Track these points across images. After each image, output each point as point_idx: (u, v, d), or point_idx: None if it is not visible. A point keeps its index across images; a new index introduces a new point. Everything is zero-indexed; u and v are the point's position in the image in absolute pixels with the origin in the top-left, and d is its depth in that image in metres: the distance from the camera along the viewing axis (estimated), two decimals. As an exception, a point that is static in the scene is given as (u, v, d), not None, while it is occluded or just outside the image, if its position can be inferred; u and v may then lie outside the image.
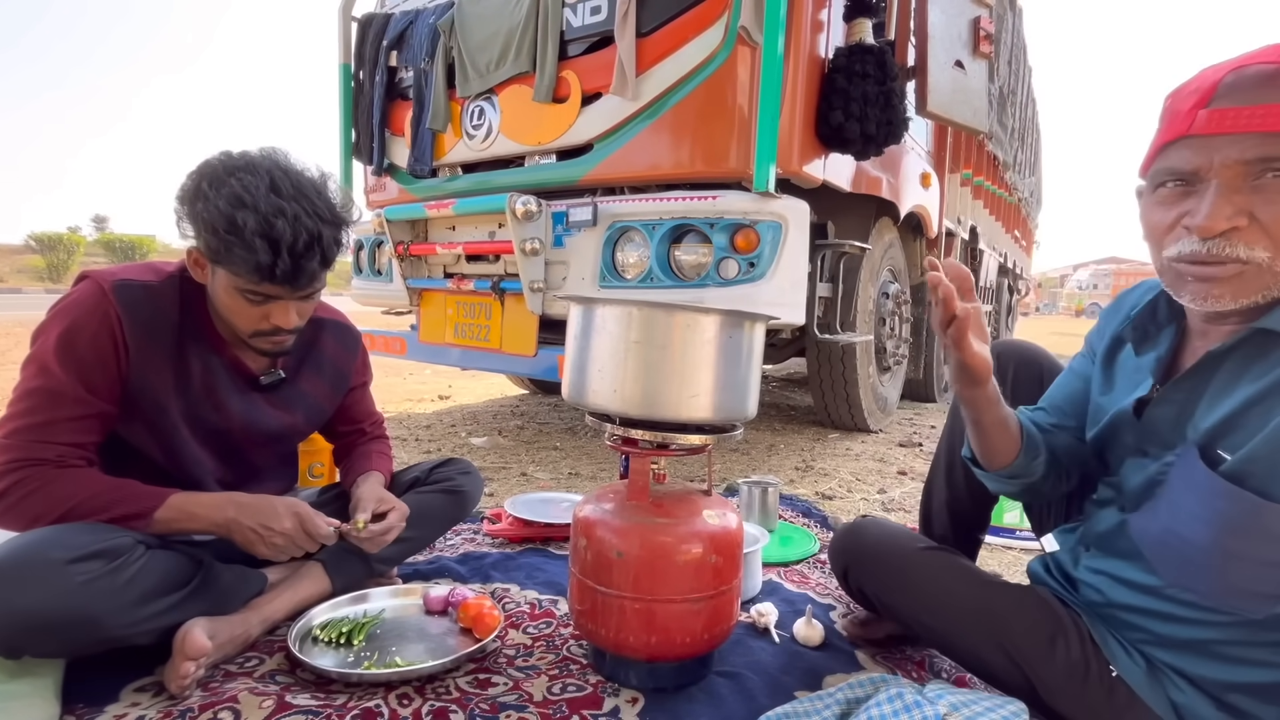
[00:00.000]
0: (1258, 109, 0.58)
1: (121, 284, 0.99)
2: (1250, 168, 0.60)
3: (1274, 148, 0.58)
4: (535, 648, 1.08)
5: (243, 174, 0.93)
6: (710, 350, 0.88)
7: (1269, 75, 0.59)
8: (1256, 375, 0.65)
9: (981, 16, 2.81)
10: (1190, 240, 0.63)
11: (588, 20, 2.28)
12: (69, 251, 23.14)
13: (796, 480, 2.29)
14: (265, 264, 0.92)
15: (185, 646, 0.87)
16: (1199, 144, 0.62)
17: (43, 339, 0.95)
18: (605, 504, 0.98)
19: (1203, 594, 0.70)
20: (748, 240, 2.05)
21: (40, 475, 0.90)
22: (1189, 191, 0.64)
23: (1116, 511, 0.81)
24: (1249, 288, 0.63)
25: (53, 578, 0.79)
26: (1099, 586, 0.83)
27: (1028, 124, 6.77)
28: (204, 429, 1.08)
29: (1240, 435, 0.65)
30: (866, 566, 1.02)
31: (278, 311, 1.00)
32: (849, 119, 2.11)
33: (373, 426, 1.38)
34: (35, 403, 0.92)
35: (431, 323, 2.78)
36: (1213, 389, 0.69)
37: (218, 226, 0.91)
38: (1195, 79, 0.65)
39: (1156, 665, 0.77)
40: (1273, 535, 0.63)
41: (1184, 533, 0.69)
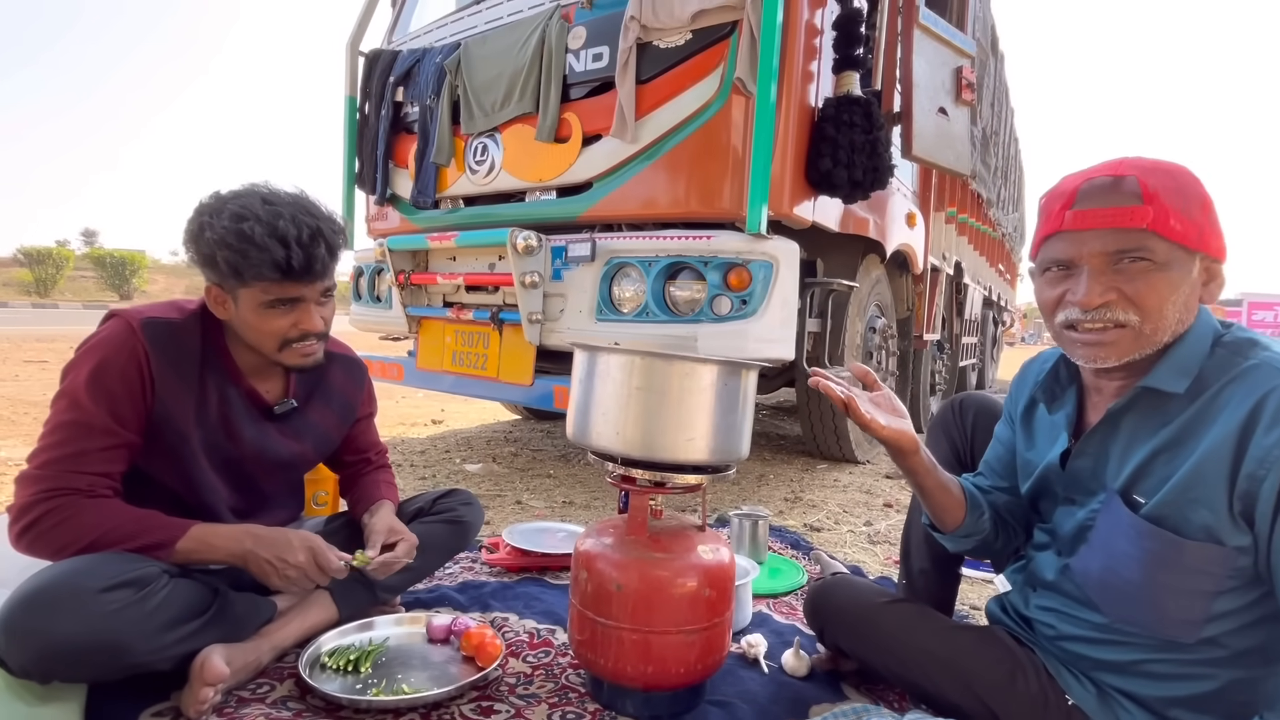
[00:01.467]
0: (1107, 210, 0.74)
1: (149, 321, 1.05)
2: (1111, 256, 0.75)
3: (1125, 241, 0.73)
4: (535, 676, 1.12)
5: (236, 199, 1.04)
6: (707, 397, 0.95)
7: (1111, 184, 0.75)
8: (1155, 429, 0.77)
9: (964, 66, 2.94)
10: (1075, 310, 0.77)
11: (590, 66, 2.38)
12: (58, 266, 23.00)
13: (786, 511, 2.35)
14: (281, 258, 1.00)
15: (204, 673, 0.91)
16: (1070, 238, 0.77)
17: (73, 375, 1.01)
18: (605, 538, 1.04)
19: (1142, 625, 0.78)
20: (740, 279, 2.14)
21: (71, 505, 0.95)
22: (1068, 274, 0.79)
23: (1054, 555, 0.91)
24: (1128, 347, 0.76)
25: (86, 606, 0.83)
26: (1049, 622, 0.90)
27: (1010, 162, 7.00)
28: (219, 457, 1.14)
29: (1151, 482, 0.76)
30: (837, 624, 1.09)
31: (303, 317, 1.08)
32: (837, 165, 2.22)
33: (377, 456, 1.43)
34: (67, 435, 0.97)
35: (430, 350, 2.83)
36: (1120, 442, 0.81)
37: (230, 242, 0.99)
38: (1060, 185, 0.80)
39: (1105, 690, 0.84)
40: (1193, 569, 0.72)
41: (1121, 572, 0.78)
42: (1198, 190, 0.74)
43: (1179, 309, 0.75)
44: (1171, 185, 0.73)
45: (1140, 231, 0.72)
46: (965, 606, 1.54)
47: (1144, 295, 0.73)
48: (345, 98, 3.29)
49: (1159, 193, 0.72)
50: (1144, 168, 0.75)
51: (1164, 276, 0.73)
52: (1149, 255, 0.73)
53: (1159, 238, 0.72)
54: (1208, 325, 0.77)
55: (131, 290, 25.47)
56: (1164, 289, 0.73)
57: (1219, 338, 0.77)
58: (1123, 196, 0.73)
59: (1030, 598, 0.95)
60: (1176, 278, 0.73)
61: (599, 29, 2.36)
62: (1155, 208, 0.72)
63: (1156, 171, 0.74)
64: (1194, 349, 0.76)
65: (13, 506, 0.96)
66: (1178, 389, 0.75)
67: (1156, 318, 0.74)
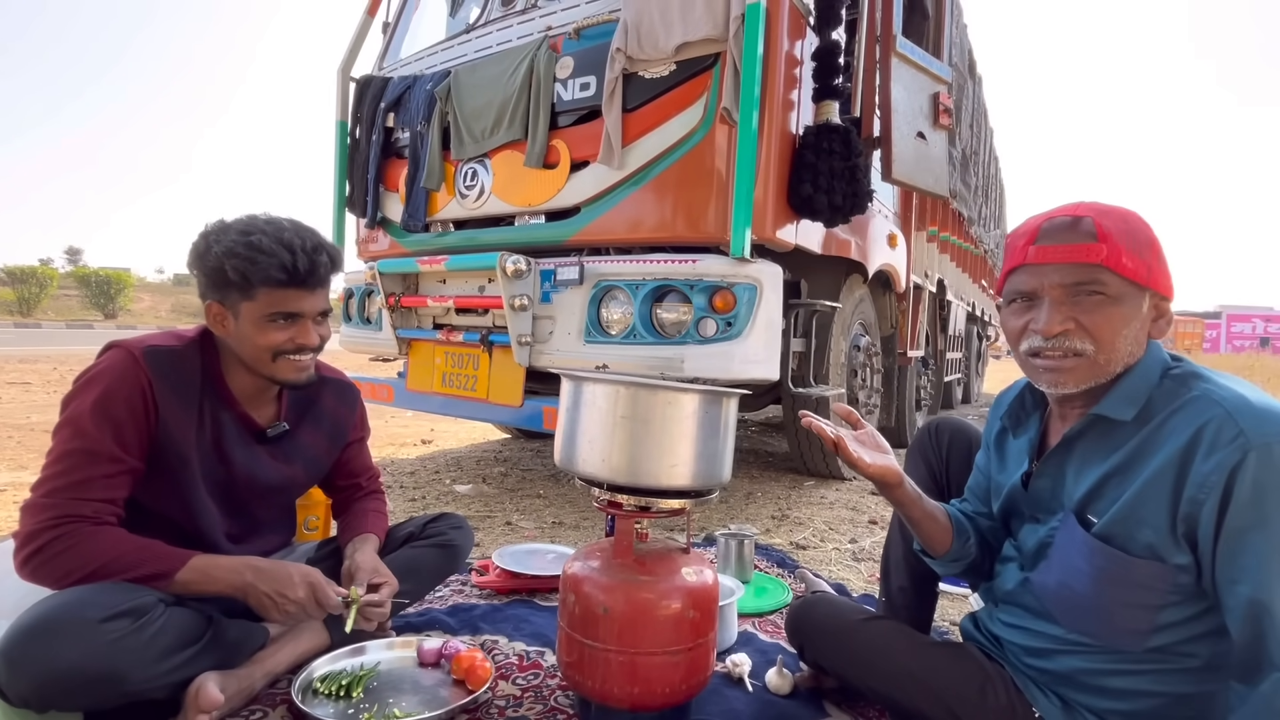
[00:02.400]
0: (1065, 247, 0.81)
1: (151, 350, 1.09)
2: (1069, 289, 0.81)
3: (1081, 275, 0.80)
4: (524, 698, 1.14)
5: (240, 220, 1.11)
6: (689, 425, 0.99)
7: (1069, 223, 0.82)
8: (1106, 453, 0.83)
9: (940, 92, 3.04)
10: (1037, 339, 0.84)
11: (577, 95, 2.45)
12: (41, 285, 22.75)
13: (773, 529, 2.38)
14: (288, 262, 1.07)
15: (199, 700, 0.93)
16: (1032, 271, 0.84)
17: (76, 404, 1.03)
18: (593, 562, 1.07)
19: (1094, 635, 0.84)
20: (725, 301, 2.19)
21: (76, 533, 0.97)
22: (1031, 305, 0.85)
23: (1017, 569, 0.96)
24: (1085, 375, 0.82)
25: (86, 636, 0.85)
26: (1012, 638, 0.95)
27: (991, 181, 7.15)
28: (212, 482, 1.16)
29: (1103, 503, 0.82)
30: (817, 642, 1.12)
31: (300, 332, 1.13)
32: (817, 191, 2.28)
33: (369, 481, 1.45)
34: (72, 463, 1.00)
35: (420, 371, 2.86)
36: (1074, 464, 0.87)
37: (239, 251, 1.05)
38: (1024, 225, 0.87)
39: (1070, 704, 0.88)
40: (1138, 584, 0.78)
41: (1074, 585, 0.84)
42: (1147, 233, 0.81)
43: (1130, 341, 0.81)
44: (1123, 228, 0.80)
45: (1095, 266, 0.79)
46: (945, 623, 1.57)
47: (1098, 326, 0.80)
48: (336, 122, 3.34)
49: (1112, 233, 0.79)
50: (1099, 210, 0.82)
51: (1116, 309, 0.80)
52: (1103, 289, 0.79)
53: (1111, 273, 0.79)
54: (1157, 359, 0.83)
55: (116, 309, 25.22)
56: (1116, 321, 0.80)
57: (1167, 370, 0.82)
58: (1080, 235, 0.80)
59: (994, 613, 1.00)
60: (1128, 311, 0.80)
61: (586, 59, 2.43)
62: (1109, 246, 0.79)
63: (1110, 214, 0.81)
64: (1142, 380, 0.82)
65: (18, 534, 0.98)
66: (1125, 417, 0.81)
67: (1109, 348, 0.80)
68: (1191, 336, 27.77)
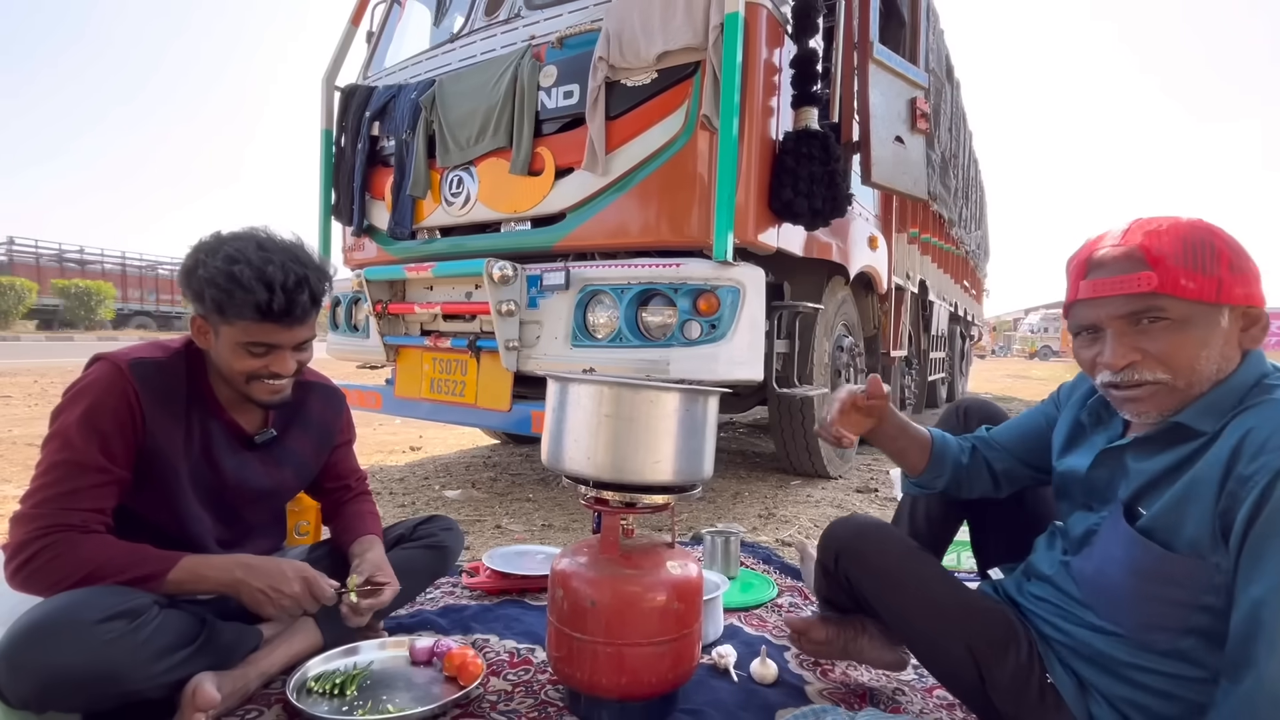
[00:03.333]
0: (1115, 279, 0.79)
1: (136, 362, 1.10)
2: (1129, 319, 0.79)
3: (1138, 304, 0.78)
4: (515, 693, 1.17)
5: (232, 241, 1.10)
6: (671, 422, 1.03)
7: (1118, 253, 0.80)
8: (1169, 453, 0.81)
9: (918, 97, 3.11)
10: (1109, 373, 0.82)
11: (561, 103, 2.49)
12: (19, 297, 22.39)
13: (759, 527, 2.42)
14: (264, 301, 1.06)
15: (196, 699, 0.95)
16: (1090, 305, 0.82)
17: (64, 416, 1.05)
18: (580, 557, 1.10)
19: (1126, 627, 0.85)
20: (709, 304, 2.23)
21: (65, 541, 0.99)
22: (1097, 337, 0.84)
23: (1060, 553, 0.98)
24: (1165, 403, 0.80)
25: (83, 637, 0.87)
26: (1040, 612, 0.98)
27: (971, 183, 7.27)
28: (202, 489, 1.18)
29: (1153, 498, 0.81)
30: (860, 555, 1.11)
31: (275, 361, 1.13)
32: (797, 196, 2.34)
33: (357, 483, 1.47)
34: (60, 474, 1.01)
35: (408, 378, 2.87)
36: (1139, 459, 0.85)
37: (219, 282, 1.05)
38: (1078, 252, 0.85)
39: (1086, 684, 0.90)
40: (1172, 579, 0.78)
41: (1110, 574, 0.85)
42: (1211, 244, 0.76)
43: (1213, 361, 0.77)
44: (1178, 247, 0.76)
45: (1150, 295, 0.76)
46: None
47: (1168, 353, 0.77)
48: (321, 131, 3.35)
49: (1164, 256, 0.75)
50: (1149, 231, 0.78)
51: (1185, 334, 0.76)
52: (1165, 314, 0.76)
53: (1171, 298, 0.76)
54: (1255, 369, 0.79)
55: (97, 322, 24.87)
56: (1189, 345, 0.76)
57: (1262, 378, 0.78)
58: (1129, 264, 0.78)
59: (1024, 585, 1.03)
60: (1201, 333, 0.76)
61: (569, 68, 2.47)
62: (1161, 271, 0.75)
63: (1162, 234, 0.77)
64: (1231, 393, 0.78)
65: (8, 545, 0.99)
66: (1207, 429, 0.78)
67: (1188, 373, 0.77)
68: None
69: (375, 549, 1.29)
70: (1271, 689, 0.69)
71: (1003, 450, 1.12)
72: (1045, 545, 1.03)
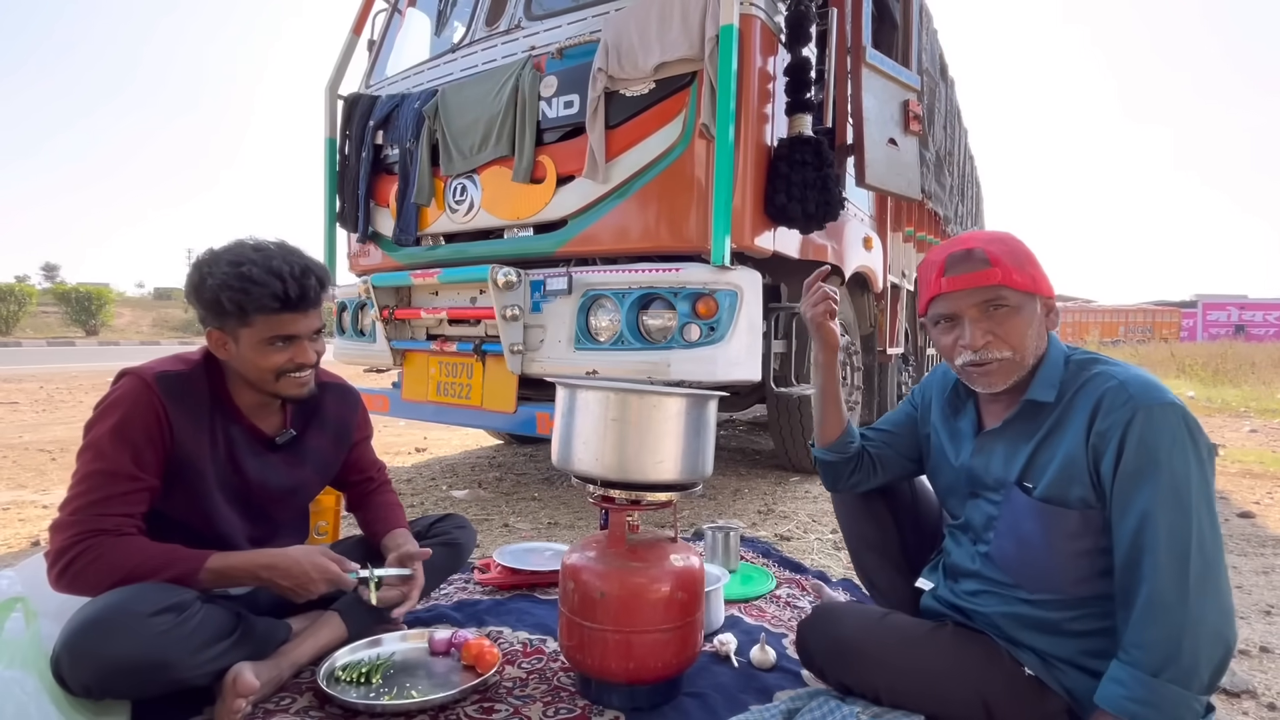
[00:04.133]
0: (970, 275, 0.98)
1: (162, 375, 1.17)
2: (981, 306, 0.98)
3: (988, 294, 0.97)
4: (530, 680, 1.25)
5: (229, 250, 1.18)
6: (673, 425, 1.11)
7: (966, 254, 0.99)
8: (1033, 431, 0.99)
9: (910, 99, 3.18)
10: (968, 353, 1.00)
11: (562, 112, 2.56)
12: (20, 303, 22.44)
13: (759, 523, 2.50)
14: (279, 290, 1.14)
15: (238, 685, 1.02)
16: (949, 298, 1.01)
17: (97, 429, 1.12)
18: (589, 552, 1.18)
19: (1056, 590, 0.97)
20: (708, 307, 2.31)
21: (100, 544, 1.06)
22: (954, 325, 1.02)
23: (969, 544, 1.09)
24: (1009, 374, 1.00)
25: (137, 629, 0.95)
26: (981, 605, 1.05)
27: (966, 180, 7.34)
28: (230, 491, 1.25)
29: (1036, 472, 0.98)
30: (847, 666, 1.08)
31: (298, 351, 1.21)
32: (791, 200, 2.41)
33: (379, 474, 1.55)
34: (94, 483, 1.08)
35: (414, 381, 2.95)
36: (1006, 444, 1.03)
37: (232, 284, 1.13)
38: (930, 257, 1.04)
39: (1042, 655, 0.99)
40: (1078, 533, 0.94)
41: (1032, 544, 0.97)
42: (1025, 250, 0.99)
43: (1035, 339, 0.99)
44: (1007, 250, 0.98)
45: (996, 286, 0.97)
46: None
47: (1010, 333, 0.98)
48: (325, 139, 3.42)
49: (1000, 257, 0.97)
50: (985, 239, 1.00)
51: (1020, 316, 0.98)
52: (1006, 302, 0.97)
53: (1009, 289, 0.97)
54: (1059, 349, 1.02)
55: (98, 325, 24.94)
56: (1021, 325, 0.98)
57: (1068, 357, 1.01)
58: (977, 263, 0.98)
59: (955, 588, 1.11)
60: (1028, 315, 0.98)
61: (569, 78, 2.54)
62: (1000, 268, 0.97)
63: (994, 241, 1.00)
64: (1054, 367, 1.00)
65: (49, 552, 1.07)
66: (1049, 398, 0.98)
67: (1023, 349, 0.98)
68: (1169, 326, 28.33)
69: (408, 543, 1.37)
70: (1164, 596, 0.83)
71: (877, 438, 1.27)
72: (954, 545, 1.13)
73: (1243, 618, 1.68)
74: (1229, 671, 1.32)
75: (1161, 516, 0.85)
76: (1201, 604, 0.83)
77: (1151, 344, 19.81)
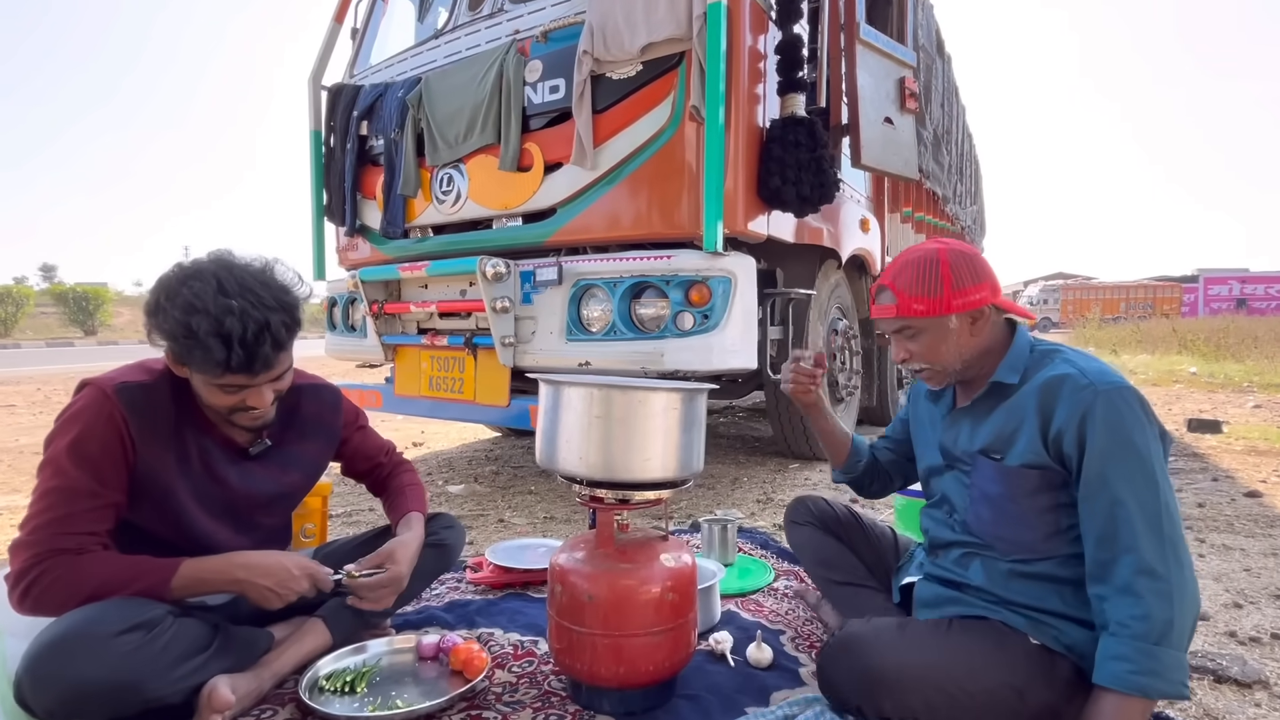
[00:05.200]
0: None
1: (122, 387, 1.10)
2: (895, 333, 1.11)
3: (894, 324, 1.11)
4: (520, 684, 1.21)
5: (192, 282, 1.04)
6: (659, 421, 1.06)
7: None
8: (995, 409, 1.07)
9: (906, 76, 3.10)
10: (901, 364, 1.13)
11: (547, 98, 2.49)
12: (18, 304, 22.39)
13: (757, 513, 2.46)
14: (221, 359, 1.03)
15: (212, 701, 0.99)
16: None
17: (56, 444, 1.07)
18: (577, 553, 1.14)
19: (1028, 548, 1.02)
20: (701, 295, 2.26)
21: (62, 563, 1.01)
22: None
23: (946, 515, 1.16)
24: (940, 378, 1.13)
25: (102, 650, 0.91)
26: (971, 577, 1.08)
27: (965, 158, 7.24)
28: (211, 503, 1.20)
29: (998, 443, 1.05)
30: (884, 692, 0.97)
31: (252, 396, 1.12)
32: (785, 183, 2.35)
33: (387, 457, 1.49)
34: (53, 500, 1.03)
35: (407, 376, 2.91)
36: (974, 419, 1.11)
37: (177, 335, 1.04)
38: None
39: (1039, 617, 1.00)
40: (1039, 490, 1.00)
41: (1002, 508, 1.04)
42: (936, 273, 1.05)
43: (954, 349, 1.08)
44: (913, 280, 1.06)
45: (898, 318, 1.09)
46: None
47: (922, 352, 1.10)
48: (310, 132, 3.35)
49: (903, 291, 1.07)
50: (896, 272, 1.09)
51: (927, 337, 1.08)
52: (910, 327, 1.09)
53: (909, 319, 1.08)
54: (1024, 338, 1.10)
55: (96, 325, 24.88)
56: (933, 343, 1.08)
57: (1034, 346, 1.09)
58: (885, 299, 1.10)
59: (939, 561, 1.15)
60: (938, 334, 1.07)
61: (554, 62, 2.47)
62: (901, 302, 1.07)
63: (902, 273, 1.08)
64: (1018, 356, 1.07)
65: (10, 574, 1.02)
66: (1012, 380, 1.06)
67: (940, 361, 1.09)
68: (1170, 302, 28.18)
69: (413, 528, 1.34)
70: (1152, 567, 0.87)
71: (885, 448, 1.40)
72: (932, 521, 1.20)
73: (1252, 602, 1.64)
74: (1240, 660, 1.29)
75: (1132, 492, 0.91)
76: (1180, 570, 0.88)
77: (1153, 320, 19.72)
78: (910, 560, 1.32)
